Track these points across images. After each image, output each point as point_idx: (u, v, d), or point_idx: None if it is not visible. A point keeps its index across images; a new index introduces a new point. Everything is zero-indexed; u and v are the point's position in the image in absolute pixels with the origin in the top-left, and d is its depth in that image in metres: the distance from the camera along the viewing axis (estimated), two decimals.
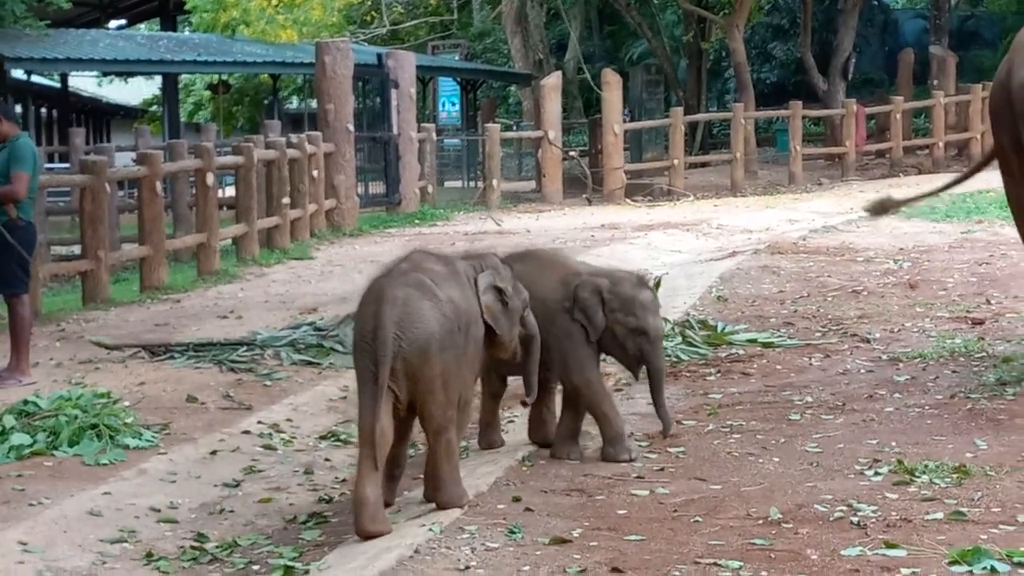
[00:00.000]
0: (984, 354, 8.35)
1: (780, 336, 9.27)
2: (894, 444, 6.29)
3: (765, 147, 28.16)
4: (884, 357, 8.45)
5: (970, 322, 9.50)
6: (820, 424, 6.81)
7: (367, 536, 5.28)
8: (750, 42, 31.03)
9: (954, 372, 7.88)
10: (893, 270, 12.31)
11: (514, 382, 6.72)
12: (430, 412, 5.54)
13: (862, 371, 8.14)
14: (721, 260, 13.41)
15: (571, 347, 6.31)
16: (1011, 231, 14.35)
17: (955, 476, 5.66)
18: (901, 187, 21.26)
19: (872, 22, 35.96)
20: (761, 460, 6.16)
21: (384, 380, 5.33)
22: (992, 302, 10.33)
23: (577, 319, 6.30)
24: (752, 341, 9.08)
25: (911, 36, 36.18)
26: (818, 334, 9.36)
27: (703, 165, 26.22)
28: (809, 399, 7.41)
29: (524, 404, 6.43)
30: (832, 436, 6.53)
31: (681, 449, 6.42)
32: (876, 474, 5.79)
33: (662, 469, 6.09)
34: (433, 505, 5.62)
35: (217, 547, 5.68)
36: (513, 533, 5.10)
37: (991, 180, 20.61)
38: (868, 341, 9.01)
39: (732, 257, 13.47)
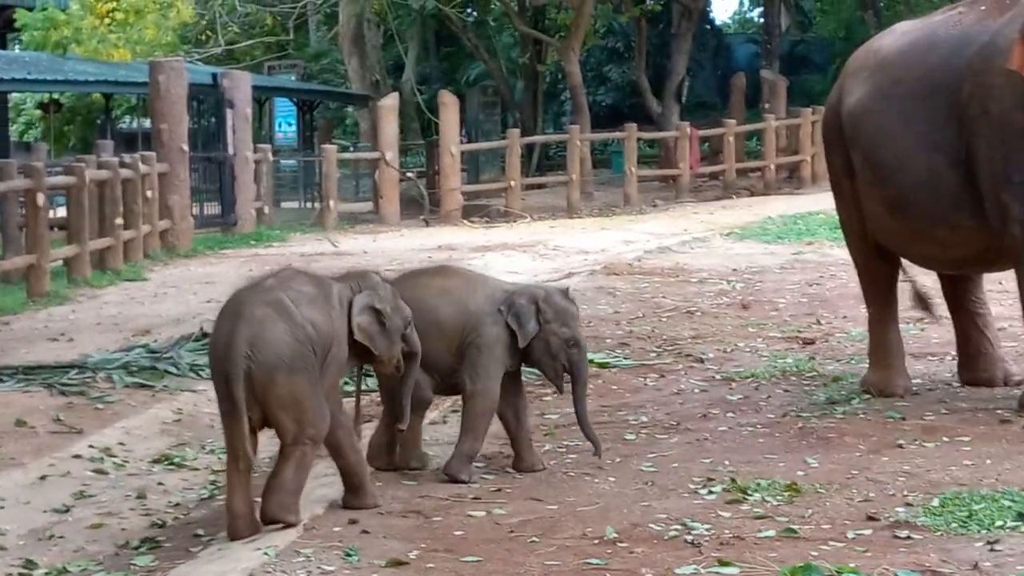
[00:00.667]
0: (815, 373, 8.50)
1: (616, 356, 9.34)
2: (727, 463, 6.37)
3: (601, 169, 28.41)
4: (718, 377, 8.56)
5: (801, 342, 9.66)
6: (655, 443, 6.88)
7: None
8: (586, 65, 31.30)
9: (786, 391, 8.01)
10: (726, 291, 12.49)
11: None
12: (283, 429, 5.53)
13: (696, 391, 8.23)
14: (557, 281, 13.47)
15: (489, 356, 6.32)
16: (840, 252, 14.61)
17: (787, 494, 5.75)
18: (735, 208, 21.61)
19: (705, 46, 36.48)
20: (597, 480, 6.20)
21: (239, 397, 5.38)
22: (822, 322, 10.52)
23: (509, 325, 6.33)
24: (589, 362, 9.12)
25: (743, 60, 36.80)
26: (653, 354, 9.44)
27: (540, 187, 26.37)
28: (644, 419, 7.47)
29: (400, 430, 6.39)
30: (667, 455, 6.59)
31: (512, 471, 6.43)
32: (710, 493, 5.86)
33: (499, 490, 6.09)
34: (278, 527, 5.52)
35: (46, 574, 5.57)
36: (349, 556, 5.07)
37: (820, 202, 21.01)
38: (702, 361, 9.12)
39: (568, 278, 13.55)
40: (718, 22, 42.45)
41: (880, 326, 8.02)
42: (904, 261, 8.06)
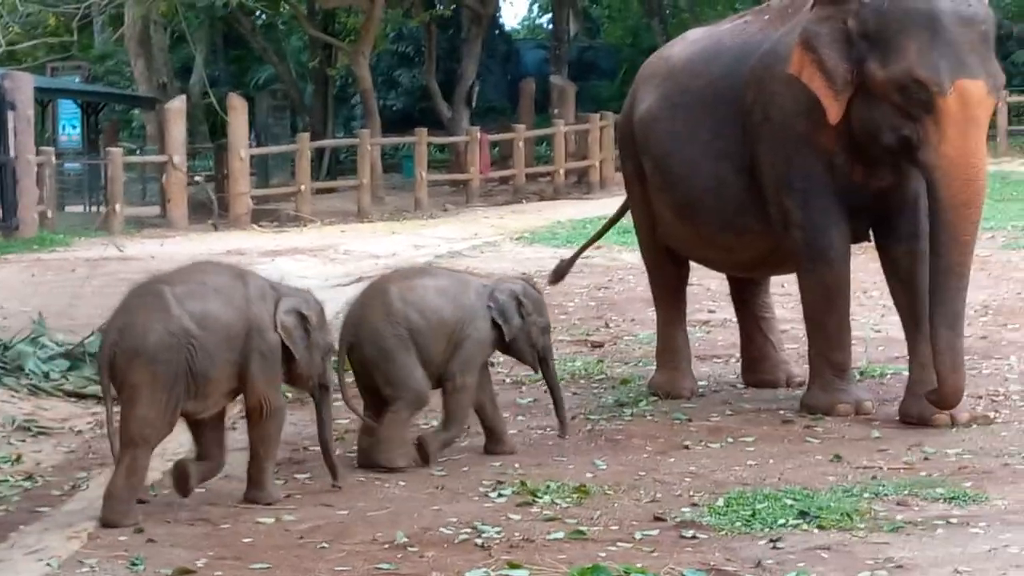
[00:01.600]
0: (603, 376, 8.60)
1: None
2: (517, 466, 6.41)
3: (392, 173, 28.34)
4: (507, 380, 8.60)
5: (590, 345, 9.76)
6: (446, 448, 6.87)
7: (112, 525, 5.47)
8: (376, 69, 31.21)
9: (575, 394, 8.08)
10: None
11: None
12: (126, 422, 5.58)
13: None
14: (348, 285, 13.39)
15: (477, 350, 6.67)
16: (628, 256, 14.83)
17: (576, 496, 5.81)
18: (524, 212, 21.74)
19: (495, 52, 36.65)
20: (387, 484, 6.18)
21: (105, 381, 5.57)
22: (611, 325, 10.64)
23: (495, 320, 6.65)
24: None
25: (532, 66, 37.04)
26: None
27: (330, 191, 26.19)
28: (435, 423, 7.46)
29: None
30: (457, 459, 6.61)
31: (307, 475, 6.38)
32: (500, 496, 5.89)
33: (289, 496, 6.03)
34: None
35: None
36: (135, 565, 4.98)
37: (609, 207, 21.22)
38: (493, 364, 9.12)
39: (359, 282, 13.47)
40: (508, 28, 42.70)
41: (668, 329, 8.16)
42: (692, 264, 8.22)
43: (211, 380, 5.71)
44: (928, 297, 6.90)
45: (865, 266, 8.71)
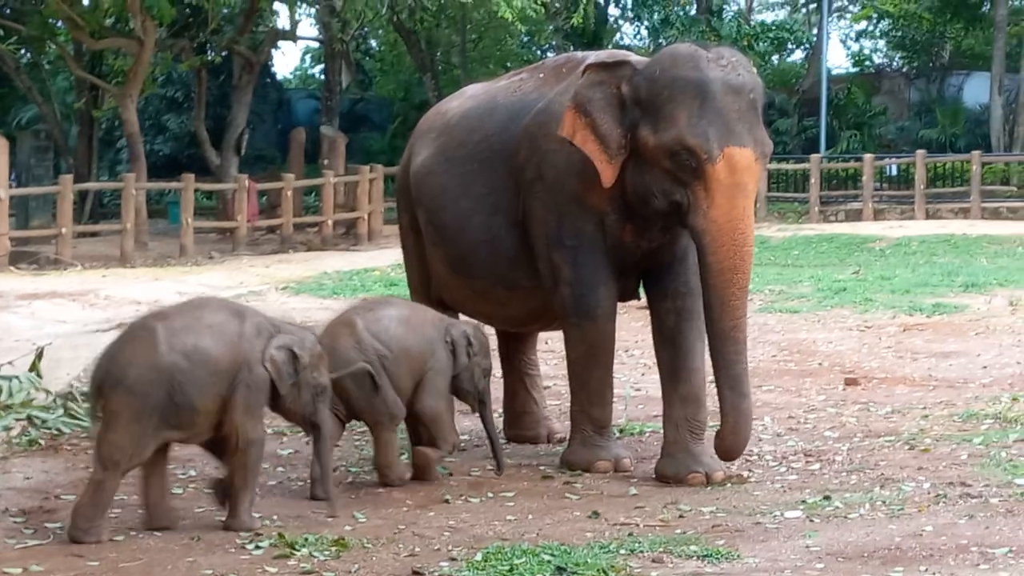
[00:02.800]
0: (365, 428, 8.53)
1: None
2: (276, 518, 6.33)
3: (157, 219, 27.89)
4: (269, 431, 8.45)
5: None
6: (202, 498, 6.75)
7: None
8: (144, 113, 30.78)
9: (337, 446, 7.99)
10: None
11: None
12: (100, 445, 5.95)
13: None
14: (108, 331, 13.11)
15: (443, 380, 7.12)
16: None
17: (334, 548, 5.76)
18: (291, 262, 21.60)
19: (266, 100, 36.50)
20: (141, 535, 6.05)
21: (93, 404, 6.02)
22: None
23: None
24: None
25: (303, 116, 36.98)
26: None
27: (93, 235, 25.67)
28: (192, 472, 7.35)
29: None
30: (214, 510, 6.47)
31: (58, 525, 6.21)
32: (257, 548, 5.81)
33: (38, 545, 5.87)
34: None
35: None
36: None
37: (376, 258, 21.21)
38: None
39: (119, 328, 13.20)
40: (280, 76, 42.56)
41: None
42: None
43: (198, 411, 5.99)
44: (702, 359, 7.06)
45: (627, 324, 8.85)
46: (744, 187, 6.88)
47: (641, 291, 7.59)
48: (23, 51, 30.09)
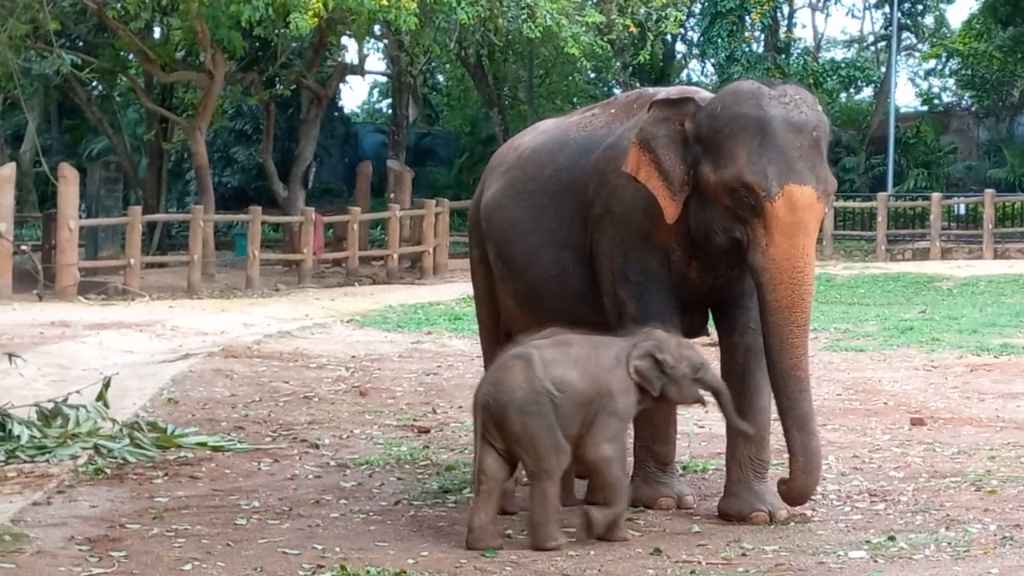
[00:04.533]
0: (428, 462, 8.57)
1: (230, 440, 9.22)
2: (338, 549, 6.35)
3: (224, 251, 28.17)
4: (332, 463, 8.54)
5: (416, 430, 9.74)
6: (266, 529, 6.80)
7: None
8: (212, 145, 31.09)
9: (399, 479, 8.05)
10: (344, 377, 12.50)
11: None
12: (526, 463, 6.50)
13: (310, 476, 8.19)
14: (174, 362, 13.25)
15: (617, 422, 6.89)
16: (459, 343, 14.89)
17: None
18: (356, 295, 21.70)
19: (333, 133, 36.76)
20: (205, 565, 6.08)
21: (477, 424, 6.54)
22: (438, 411, 10.63)
23: None
24: (202, 444, 8.98)
25: (370, 149, 37.23)
26: (268, 439, 9.36)
27: (161, 266, 25.94)
28: (256, 503, 7.38)
29: None
30: (277, 541, 6.52)
31: (123, 554, 6.25)
32: None
33: (103, 573, 5.91)
34: None
35: None
36: None
37: (441, 292, 21.28)
38: (317, 447, 9.09)
39: (185, 359, 13.34)
40: (347, 110, 42.89)
41: None
42: None
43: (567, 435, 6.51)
44: (768, 398, 7.01)
45: None
46: (804, 225, 6.84)
47: (712, 327, 7.57)
48: (95, 83, 30.44)
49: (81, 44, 29.16)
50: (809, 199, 6.83)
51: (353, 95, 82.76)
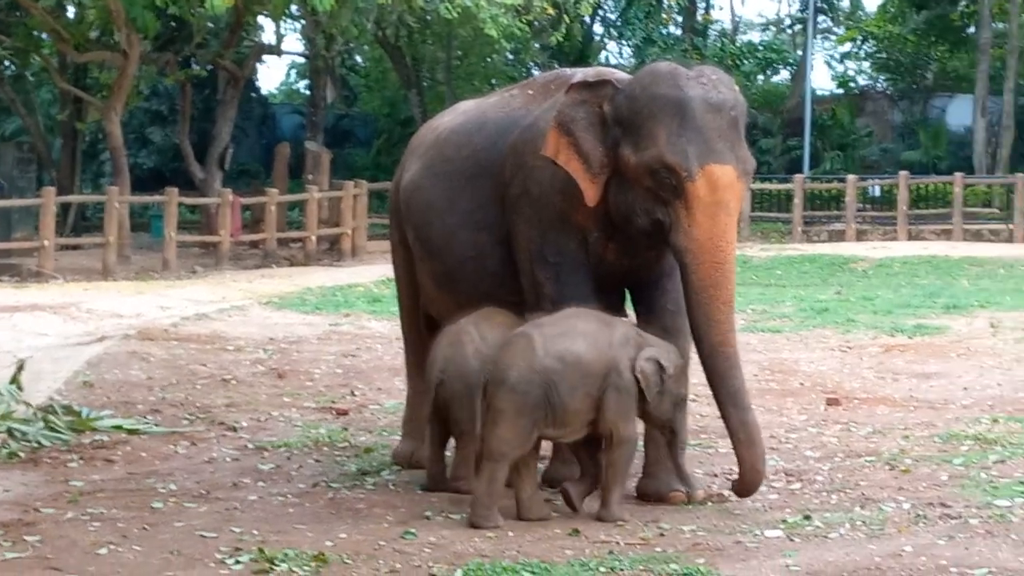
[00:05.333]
0: (347, 444, 8.55)
1: (147, 423, 9.15)
2: (256, 532, 6.32)
3: (140, 232, 27.85)
4: (250, 446, 8.50)
5: (335, 413, 9.70)
6: (183, 512, 6.76)
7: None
8: (128, 126, 30.75)
9: (317, 462, 8.02)
10: (263, 359, 12.43)
11: None
12: (487, 439, 6.57)
13: (228, 459, 8.15)
14: (89, 345, 13.12)
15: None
16: (377, 325, 14.86)
17: (314, 564, 5.75)
18: (275, 277, 21.59)
19: (251, 115, 36.50)
20: (121, 549, 6.04)
21: (478, 403, 6.64)
22: (356, 393, 10.60)
23: None
24: (118, 428, 8.91)
25: (288, 131, 36.99)
26: (185, 422, 9.30)
27: (75, 248, 25.66)
28: (173, 487, 7.34)
29: None
30: (194, 524, 6.49)
31: (38, 538, 6.19)
32: (237, 563, 5.80)
33: (18, 558, 5.85)
34: None
35: None
36: None
37: (360, 274, 21.23)
38: (235, 429, 9.04)
39: (101, 342, 13.21)
40: (265, 91, 42.57)
41: (419, 398, 8.11)
42: None
43: (568, 411, 6.60)
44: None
45: None
46: (725, 204, 6.88)
47: (629, 309, 7.60)
48: (7, 63, 30.05)
49: None
50: (729, 178, 6.86)
51: (270, 76, 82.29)
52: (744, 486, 6.92)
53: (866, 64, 42.63)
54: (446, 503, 6.98)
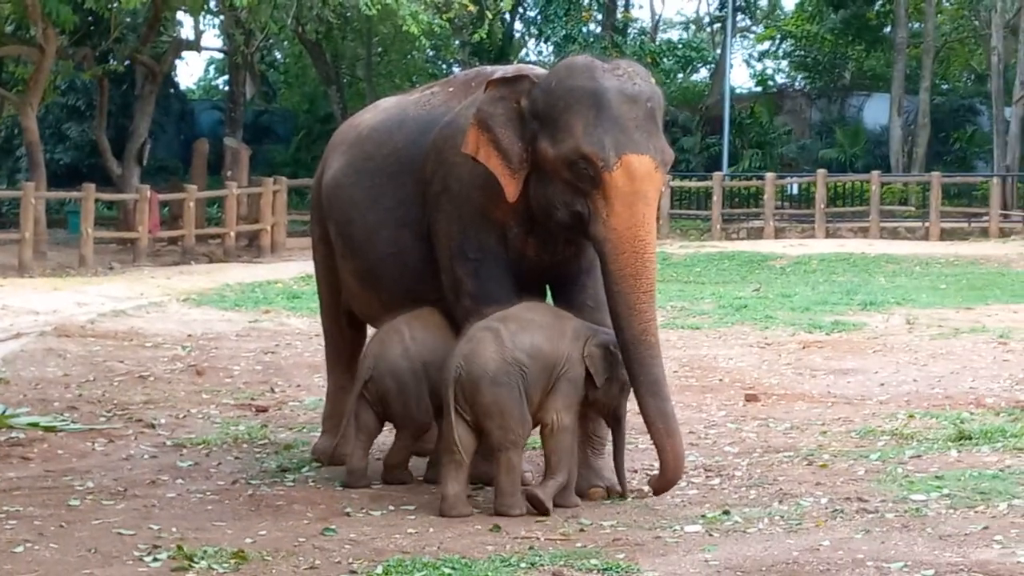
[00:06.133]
0: (267, 441, 8.52)
1: (63, 420, 9.03)
2: (175, 530, 6.29)
3: (56, 228, 27.55)
4: (168, 443, 8.45)
5: (254, 409, 9.67)
6: (101, 510, 6.71)
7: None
8: (44, 121, 30.44)
9: (237, 458, 7.99)
10: (181, 356, 12.35)
11: None
12: (489, 434, 6.71)
13: (146, 456, 8.10)
14: (4, 341, 12.98)
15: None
16: (297, 321, 14.80)
17: (233, 561, 5.73)
18: (193, 274, 21.44)
19: (169, 110, 36.22)
20: (37, 547, 5.98)
21: (449, 397, 6.71)
22: (276, 390, 10.56)
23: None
24: (34, 425, 8.74)
25: (207, 127, 36.77)
26: (103, 419, 9.23)
27: None
28: (90, 484, 7.28)
29: None
30: (112, 522, 6.45)
31: None
32: (155, 560, 5.76)
33: None
34: None
35: None
36: None
37: (279, 271, 21.12)
38: (153, 427, 8.99)
39: (16, 339, 13.07)
40: (183, 87, 42.25)
41: (339, 394, 8.12)
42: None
43: (532, 403, 6.75)
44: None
45: None
46: (643, 194, 6.89)
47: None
48: None
49: None
50: (647, 168, 6.89)
51: (189, 72, 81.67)
52: (665, 476, 6.94)
53: (784, 63, 43.00)
54: (366, 499, 6.98)
